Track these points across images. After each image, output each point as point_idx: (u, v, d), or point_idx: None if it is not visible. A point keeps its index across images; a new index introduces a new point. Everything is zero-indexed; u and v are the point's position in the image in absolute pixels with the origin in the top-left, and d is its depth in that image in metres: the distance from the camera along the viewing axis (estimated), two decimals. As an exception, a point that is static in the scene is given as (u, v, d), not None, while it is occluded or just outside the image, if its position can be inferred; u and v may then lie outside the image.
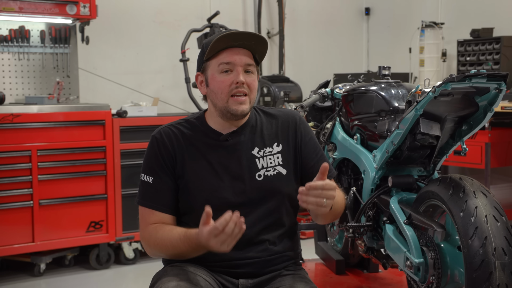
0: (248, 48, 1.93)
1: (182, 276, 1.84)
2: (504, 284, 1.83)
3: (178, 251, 1.86)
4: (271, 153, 2.00)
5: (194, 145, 1.98)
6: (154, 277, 1.92)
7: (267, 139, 2.01)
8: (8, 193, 3.91)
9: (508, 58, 4.68)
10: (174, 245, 1.85)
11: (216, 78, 1.92)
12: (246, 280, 1.93)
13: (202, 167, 1.95)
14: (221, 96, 1.92)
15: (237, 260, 1.92)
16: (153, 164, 1.96)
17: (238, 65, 1.90)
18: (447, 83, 2.06)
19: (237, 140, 1.98)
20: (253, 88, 1.94)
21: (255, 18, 5.77)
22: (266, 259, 1.95)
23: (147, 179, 1.97)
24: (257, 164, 1.97)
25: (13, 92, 4.53)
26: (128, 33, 5.13)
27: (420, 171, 2.49)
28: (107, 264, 4.30)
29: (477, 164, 4.35)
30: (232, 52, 1.91)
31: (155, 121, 4.39)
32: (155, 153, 1.97)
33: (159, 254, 1.95)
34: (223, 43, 1.89)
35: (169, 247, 1.87)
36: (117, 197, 4.25)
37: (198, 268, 1.91)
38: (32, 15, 4.22)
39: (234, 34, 1.89)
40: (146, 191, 1.97)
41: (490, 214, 1.92)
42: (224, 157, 1.95)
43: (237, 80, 1.89)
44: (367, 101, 2.68)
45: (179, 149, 1.97)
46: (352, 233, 2.63)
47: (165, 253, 1.92)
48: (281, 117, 2.06)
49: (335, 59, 6.19)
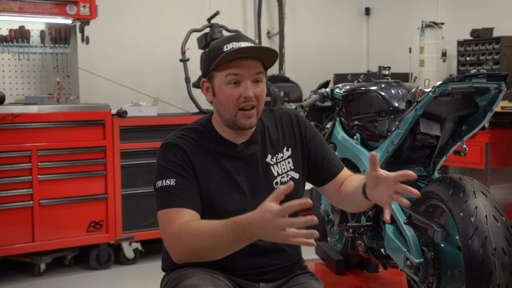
0: (257, 58, 1.87)
1: (207, 280, 1.80)
2: (504, 284, 1.83)
3: (216, 241, 1.66)
4: (283, 159, 1.98)
5: (211, 154, 1.91)
6: (173, 280, 1.84)
7: (276, 145, 1.99)
8: (8, 193, 3.90)
9: (508, 58, 4.68)
10: (213, 232, 1.66)
11: (223, 89, 1.85)
12: (266, 284, 1.93)
13: (223, 179, 1.89)
14: (228, 109, 1.86)
15: (261, 268, 1.91)
16: (172, 167, 1.84)
17: (247, 77, 1.84)
18: (447, 83, 2.06)
19: (251, 149, 1.95)
20: (261, 99, 1.88)
21: (255, 18, 5.77)
22: (286, 265, 1.96)
23: (167, 183, 1.82)
24: (273, 171, 1.95)
25: (13, 92, 4.52)
26: (128, 33, 5.13)
27: (420, 171, 2.49)
28: (107, 264, 4.30)
29: (477, 164, 4.35)
30: (241, 63, 1.83)
31: (155, 121, 4.39)
32: (173, 158, 1.85)
33: (189, 251, 1.73)
34: (232, 55, 1.82)
35: (205, 235, 1.67)
36: (117, 197, 4.24)
37: (215, 272, 1.88)
38: (32, 15, 4.21)
39: (246, 49, 1.82)
40: (169, 194, 1.81)
41: (490, 214, 1.92)
42: (241, 167, 1.91)
43: (246, 95, 1.83)
44: (367, 101, 2.68)
45: (199, 156, 1.88)
46: (352, 233, 2.64)
47: (199, 246, 1.69)
48: (282, 118, 2.04)
49: (335, 59, 6.18)
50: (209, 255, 1.73)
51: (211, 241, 1.67)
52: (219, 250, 1.69)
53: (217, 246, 1.68)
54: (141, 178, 4.32)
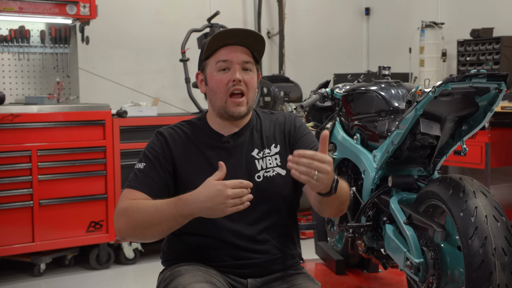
0: (246, 46, 1.94)
1: (200, 277, 1.84)
2: (504, 284, 1.83)
3: (158, 214, 1.76)
4: (270, 154, 2.01)
5: (195, 145, 1.99)
6: (167, 278, 1.89)
7: (266, 141, 2.03)
8: (8, 193, 3.91)
9: (508, 58, 4.68)
10: (157, 207, 1.78)
11: (214, 76, 1.94)
12: (254, 280, 1.96)
13: (201, 166, 1.95)
14: (219, 96, 1.94)
15: (244, 260, 1.94)
16: (148, 154, 1.96)
17: (235, 62, 1.92)
18: (447, 83, 2.06)
19: (237, 141, 2.00)
20: (251, 87, 1.95)
21: (255, 18, 5.77)
22: (270, 258, 1.97)
23: (138, 166, 1.95)
24: (256, 165, 1.98)
25: (13, 92, 4.53)
26: (128, 33, 5.13)
27: (420, 171, 2.49)
28: (107, 264, 4.30)
29: (477, 164, 4.35)
30: (230, 50, 1.92)
31: (155, 121, 4.40)
32: (153, 145, 1.97)
33: (132, 225, 1.81)
34: (220, 41, 1.91)
35: (149, 209, 1.78)
36: (117, 197, 4.24)
37: (209, 268, 1.92)
38: (32, 15, 4.22)
39: (231, 31, 1.91)
40: (135, 176, 1.94)
41: (490, 214, 1.92)
42: (224, 157, 1.95)
43: (234, 77, 1.91)
44: (367, 101, 2.68)
45: (180, 147, 1.97)
46: (352, 233, 2.63)
47: (142, 220, 1.79)
48: (278, 119, 2.08)
49: (335, 59, 6.19)
50: (149, 231, 1.80)
51: (153, 214, 1.77)
52: (159, 225, 1.78)
53: (158, 221, 1.77)
54: (141, 178, 4.31)
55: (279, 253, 1.99)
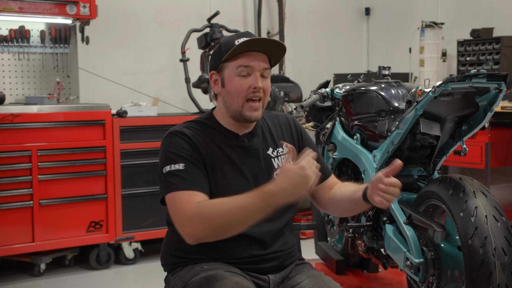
0: (267, 53, 1.96)
1: (239, 278, 1.85)
2: (504, 284, 1.83)
3: (245, 211, 1.74)
4: (283, 153, 2.06)
5: (215, 144, 1.97)
6: (201, 283, 1.84)
7: (276, 140, 2.08)
8: (8, 193, 3.91)
9: (508, 58, 4.68)
10: (241, 204, 1.74)
11: (233, 80, 1.94)
12: (274, 275, 1.99)
13: (228, 166, 1.96)
14: (237, 99, 1.94)
15: (266, 255, 1.98)
16: (181, 154, 1.88)
17: (256, 69, 1.94)
18: (447, 83, 2.06)
19: (252, 141, 2.03)
20: (267, 93, 1.98)
21: (255, 18, 5.77)
22: (287, 251, 2.04)
23: (176, 167, 1.85)
24: (273, 163, 2.03)
25: (13, 92, 4.53)
26: (128, 33, 5.13)
27: (420, 171, 2.49)
28: (107, 264, 4.30)
29: (477, 164, 4.35)
30: (252, 56, 1.93)
31: (155, 121, 4.39)
32: (182, 145, 1.90)
33: (212, 227, 1.76)
34: (245, 46, 1.91)
35: (233, 208, 1.74)
36: (117, 197, 4.25)
37: (231, 267, 1.92)
38: (32, 15, 4.22)
39: (259, 41, 1.92)
40: (178, 177, 1.84)
41: (490, 214, 1.92)
42: (243, 156, 1.99)
43: (256, 85, 1.93)
44: (367, 101, 2.68)
45: (204, 146, 1.94)
46: (352, 233, 2.64)
47: (226, 220, 1.75)
48: (280, 120, 2.14)
49: (335, 59, 6.18)
50: (233, 229, 1.78)
51: (238, 212, 1.74)
52: (245, 222, 1.76)
53: (244, 218, 1.75)
54: (141, 178, 4.32)
55: (292, 247, 2.07)
